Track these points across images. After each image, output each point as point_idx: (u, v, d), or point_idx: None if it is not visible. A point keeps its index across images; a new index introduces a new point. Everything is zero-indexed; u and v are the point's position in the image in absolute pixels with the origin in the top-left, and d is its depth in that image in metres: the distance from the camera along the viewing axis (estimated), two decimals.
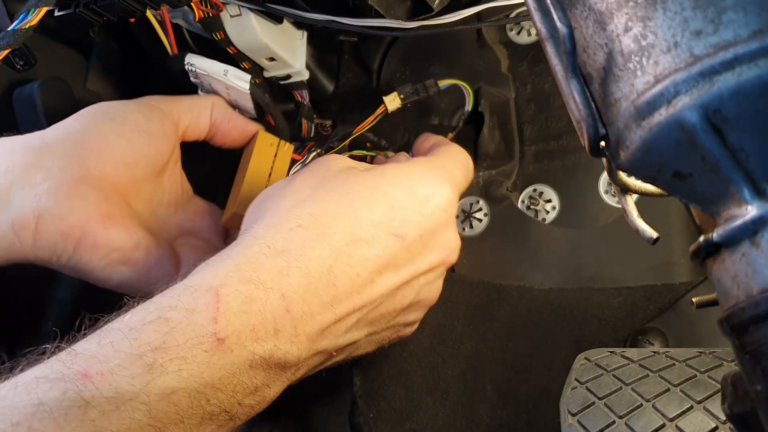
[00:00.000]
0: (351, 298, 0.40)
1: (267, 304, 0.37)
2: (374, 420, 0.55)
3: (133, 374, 0.32)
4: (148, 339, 0.33)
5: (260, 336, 0.36)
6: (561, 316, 0.54)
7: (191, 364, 0.33)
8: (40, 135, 0.48)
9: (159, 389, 0.32)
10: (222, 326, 0.35)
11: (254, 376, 0.36)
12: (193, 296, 0.36)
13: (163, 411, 0.32)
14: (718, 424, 0.33)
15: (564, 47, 0.26)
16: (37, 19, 0.44)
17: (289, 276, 0.38)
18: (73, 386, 0.31)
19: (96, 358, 0.32)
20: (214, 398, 0.34)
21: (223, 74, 0.55)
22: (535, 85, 0.60)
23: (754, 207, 0.24)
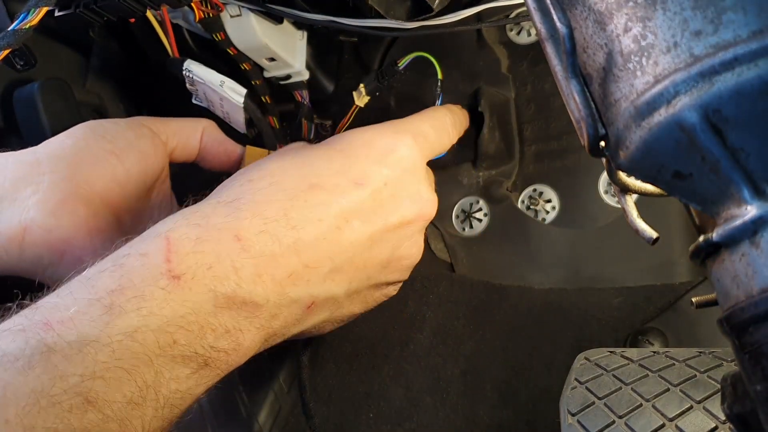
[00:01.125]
0: (317, 243, 0.40)
1: (220, 243, 0.37)
2: (374, 420, 0.55)
3: (93, 317, 0.32)
4: (104, 284, 0.34)
5: (218, 274, 0.36)
6: (561, 316, 0.54)
7: (150, 302, 0.34)
8: (32, 151, 0.48)
9: (120, 328, 0.32)
10: (175, 264, 0.35)
11: (221, 316, 0.36)
12: (144, 243, 0.36)
13: (127, 350, 0.32)
14: (717, 424, 0.33)
15: (564, 47, 0.26)
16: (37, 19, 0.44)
17: (240, 219, 0.38)
18: (35, 335, 0.31)
19: (56, 307, 0.33)
20: (182, 338, 0.34)
21: (219, 85, 0.55)
22: (535, 85, 0.60)
23: (753, 207, 0.24)
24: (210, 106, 0.60)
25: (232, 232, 0.37)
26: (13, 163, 0.47)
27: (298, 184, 0.40)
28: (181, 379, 0.35)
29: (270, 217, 0.39)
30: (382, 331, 0.58)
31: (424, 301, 0.58)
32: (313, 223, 0.40)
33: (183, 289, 0.35)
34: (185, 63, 0.55)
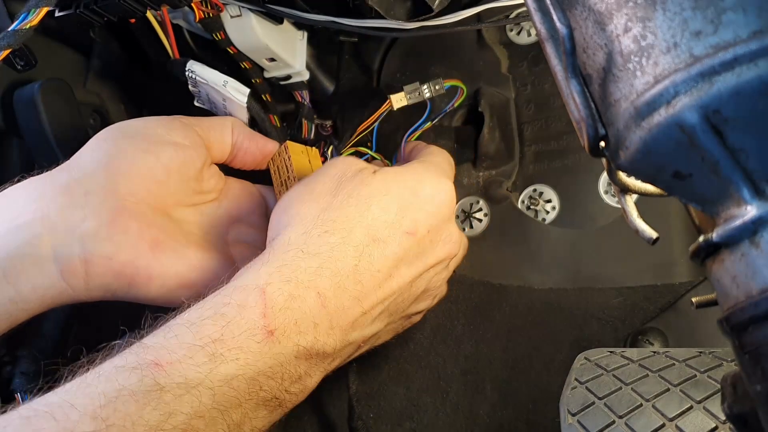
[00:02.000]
0: (375, 292, 0.44)
1: (306, 300, 0.41)
2: (374, 420, 0.55)
3: (198, 363, 0.36)
4: (207, 332, 0.37)
5: (302, 329, 0.40)
6: (561, 316, 0.54)
7: (247, 354, 0.38)
8: (66, 170, 0.48)
9: (221, 376, 0.36)
10: (270, 320, 0.39)
11: (299, 365, 0.40)
12: (242, 294, 0.40)
13: (225, 395, 0.36)
14: (717, 424, 0.33)
15: (564, 48, 0.26)
16: (37, 20, 0.44)
17: (322, 276, 0.42)
18: (149, 373, 0.35)
19: (165, 349, 0.36)
20: (266, 385, 0.38)
21: (223, 85, 0.55)
22: (535, 85, 0.60)
23: (753, 207, 0.24)
24: (212, 108, 0.60)
25: (315, 289, 0.41)
26: (51, 188, 0.46)
27: (363, 240, 0.44)
28: (260, 418, 0.39)
29: (343, 273, 0.43)
30: None
31: None
32: (373, 275, 0.44)
33: (274, 343, 0.39)
34: (188, 64, 0.55)
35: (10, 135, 0.63)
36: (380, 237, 0.45)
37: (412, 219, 0.46)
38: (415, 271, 0.47)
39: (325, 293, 0.42)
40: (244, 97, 0.56)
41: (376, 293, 0.44)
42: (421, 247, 0.47)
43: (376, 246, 0.44)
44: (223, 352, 0.37)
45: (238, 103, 0.56)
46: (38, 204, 0.45)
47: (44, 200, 0.46)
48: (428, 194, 0.48)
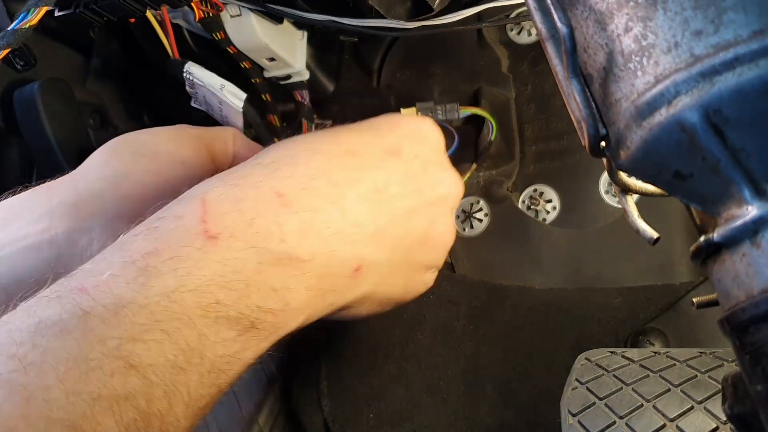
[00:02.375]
0: (359, 203, 0.39)
1: (260, 200, 0.36)
2: (374, 420, 0.55)
3: (128, 280, 0.31)
4: (138, 247, 0.33)
5: (260, 230, 0.35)
6: (561, 317, 0.54)
7: (186, 263, 0.33)
8: (73, 186, 0.46)
9: (156, 289, 0.31)
10: (211, 224, 0.34)
11: (266, 273, 0.35)
12: (179, 205, 0.36)
13: (165, 311, 0.31)
14: (718, 425, 0.33)
15: (564, 47, 0.26)
16: (36, 19, 0.44)
17: (280, 177, 0.37)
18: (70, 300, 0.30)
19: (90, 273, 0.32)
20: (225, 298, 0.33)
21: (219, 88, 0.55)
22: (535, 85, 0.60)
23: (754, 207, 0.24)
24: (209, 110, 0.59)
25: (272, 189, 0.37)
26: (58, 206, 0.44)
27: (333, 149, 0.40)
28: (227, 342, 0.34)
29: (310, 175, 0.38)
30: (382, 331, 0.58)
31: (424, 302, 0.58)
32: (353, 183, 0.39)
33: (221, 248, 0.34)
34: (186, 65, 0.55)
35: (9, 135, 0.63)
36: (354, 150, 0.41)
37: (392, 142, 0.42)
38: (407, 197, 0.42)
39: (286, 192, 0.37)
40: (241, 102, 0.56)
41: (361, 204, 0.39)
42: (410, 172, 0.42)
43: (351, 157, 0.40)
44: (156, 265, 0.32)
45: (235, 108, 0.56)
46: (45, 224, 0.44)
47: (52, 220, 0.44)
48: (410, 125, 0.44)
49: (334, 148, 0.40)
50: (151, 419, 0.30)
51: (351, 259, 0.40)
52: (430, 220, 0.45)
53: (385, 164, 0.42)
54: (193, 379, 0.32)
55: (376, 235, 0.41)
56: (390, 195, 0.41)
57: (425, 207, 0.44)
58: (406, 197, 0.42)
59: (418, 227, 0.44)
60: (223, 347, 0.33)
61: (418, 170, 0.43)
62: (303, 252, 0.36)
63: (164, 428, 0.31)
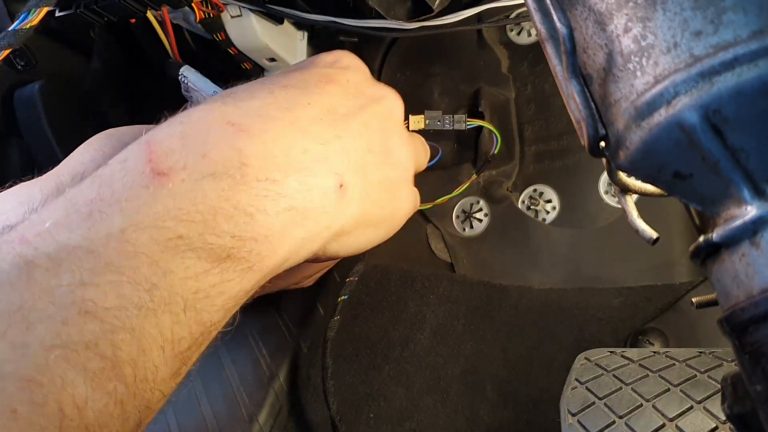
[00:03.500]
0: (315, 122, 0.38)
1: (211, 130, 0.34)
2: (374, 420, 0.55)
3: (71, 227, 0.30)
4: (81, 196, 0.31)
5: (217, 158, 0.33)
6: (561, 317, 0.54)
7: (134, 203, 0.31)
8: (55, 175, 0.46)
9: (103, 232, 0.29)
10: (158, 163, 0.32)
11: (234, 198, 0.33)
12: (124, 152, 0.34)
13: (116, 252, 0.29)
14: (718, 424, 0.33)
15: (564, 48, 0.26)
16: (37, 19, 0.44)
17: (227, 111, 0.35)
18: (11, 251, 0.29)
19: (32, 223, 0.30)
20: (186, 231, 0.31)
21: (212, 95, 0.55)
22: (535, 85, 0.60)
23: (753, 207, 0.24)
24: None
25: (223, 120, 0.35)
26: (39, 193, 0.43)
27: (271, 87, 0.39)
28: (200, 275, 0.31)
29: (257, 105, 0.37)
30: (382, 331, 0.58)
31: (424, 301, 0.58)
32: (304, 107, 0.38)
33: (173, 182, 0.32)
34: (182, 69, 0.56)
35: (9, 135, 0.63)
36: (291, 84, 0.40)
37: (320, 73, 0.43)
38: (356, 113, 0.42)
39: (238, 121, 0.35)
40: None
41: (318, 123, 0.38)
42: (349, 92, 0.43)
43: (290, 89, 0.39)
44: (101, 208, 0.30)
45: None
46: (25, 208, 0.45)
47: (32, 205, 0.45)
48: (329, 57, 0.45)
49: (271, 86, 0.39)
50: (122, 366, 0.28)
51: (329, 175, 0.38)
52: (384, 132, 0.44)
53: (324, 90, 0.41)
54: (165, 319, 0.30)
55: (345, 151, 0.40)
56: (341, 114, 0.41)
57: (375, 120, 0.43)
58: (355, 114, 0.42)
59: (375, 140, 0.43)
60: (196, 282, 0.31)
61: (356, 91, 0.44)
62: (271, 173, 0.34)
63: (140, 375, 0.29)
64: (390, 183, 0.46)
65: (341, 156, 0.40)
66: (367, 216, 0.43)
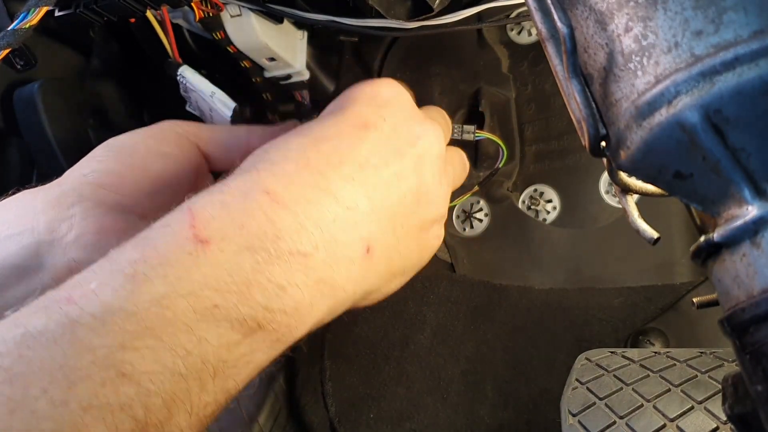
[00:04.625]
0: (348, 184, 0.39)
1: (248, 201, 0.35)
2: (375, 420, 0.55)
3: (115, 288, 0.31)
4: (125, 257, 0.32)
5: (253, 230, 0.34)
6: (561, 317, 0.54)
7: (176, 269, 0.32)
8: (57, 184, 0.47)
9: (146, 296, 0.31)
10: (200, 229, 0.33)
11: (268, 271, 0.34)
12: (167, 217, 0.35)
13: (157, 317, 0.30)
14: (718, 425, 0.33)
15: (564, 47, 0.26)
16: (37, 19, 0.44)
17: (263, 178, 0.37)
18: (57, 310, 0.30)
19: (77, 283, 0.32)
20: (222, 301, 0.32)
21: (210, 95, 0.55)
22: (535, 85, 0.60)
23: (754, 207, 0.24)
24: (201, 115, 0.60)
25: (259, 189, 0.36)
26: (42, 202, 0.45)
27: (304, 143, 0.39)
28: (231, 345, 0.33)
29: (292, 170, 0.37)
30: (382, 331, 0.58)
31: (424, 301, 0.58)
32: (336, 167, 0.39)
33: (213, 251, 0.33)
34: (180, 69, 0.55)
35: (9, 135, 0.63)
36: (324, 136, 0.40)
37: (356, 115, 0.42)
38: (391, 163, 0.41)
39: (274, 189, 0.36)
40: (229, 111, 0.56)
41: (351, 185, 0.39)
42: (383, 137, 0.42)
43: (323, 143, 0.39)
44: (145, 271, 0.31)
45: (223, 116, 0.56)
46: (28, 217, 0.45)
47: (34, 213, 0.45)
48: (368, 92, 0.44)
49: (304, 142, 0.40)
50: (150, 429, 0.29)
51: (357, 242, 0.39)
52: (419, 176, 0.44)
53: (358, 138, 0.41)
54: (195, 385, 0.31)
55: (374, 211, 0.40)
56: (374, 166, 0.41)
57: (410, 166, 0.43)
58: (389, 164, 0.42)
59: (409, 188, 0.43)
60: (227, 351, 0.32)
61: (391, 134, 0.43)
62: (303, 245, 0.35)
63: None
64: (419, 229, 0.45)
65: (370, 218, 0.40)
66: (394, 270, 0.44)
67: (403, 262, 0.44)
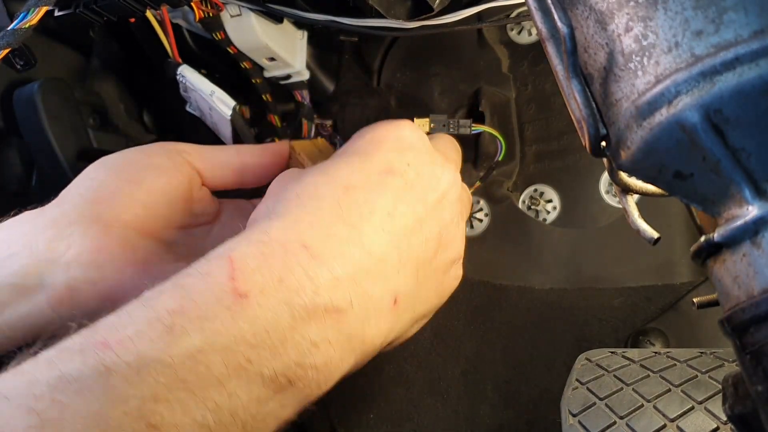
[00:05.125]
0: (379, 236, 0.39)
1: (288, 254, 0.35)
2: (374, 421, 0.55)
3: (152, 338, 0.31)
4: (164, 305, 0.32)
5: (292, 285, 0.34)
6: (562, 317, 0.54)
7: (213, 323, 0.32)
8: (56, 204, 0.47)
9: (182, 349, 0.31)
10: (240, 282, 0.33)
11: (303, 329, 0.34)
12: (206, 263, 0.35)
13: (191, 372, 0.30)
14: (719, 425, 0.33)
15: (565, 47, 0.26)
16: (36, 19, 0.44)
17: (302, 230, 0.37)
18: (93, 355, 0.30)
19: (114, 328, 0.31)
20: (256, 357, 0.32)
21: (209, 94, 0.55)
22: (535, 85, 0.60)
23: (754, 207, 0.24)
24: (201, 115, 0.60)
25: (298, 242, 0.36)
26: (41, 221, 0.46)
27: (333, 191, 0.40)
28: (261, 401, 0.33)
29: (328, 222, 0.38)
30: None
31: None
32: (367, 218, 0.39)
33: (251, 306, 0.33)
34: (180, 69, 0.55)
35: (9, 135, 0.63)
36: (353, 184, 0.40)
37: (382, 161, 0.42)
38: (415, 209, 0.42)
39: (311, 244, 0.36)
40: (229, 110, 0.56)
41: (381, 237, 0.39)
42: (408, 183, 0.42)
43: (353, 192, 0.40)
44: (183, 324, 0.31)
45: (223, 115, 0.56)
46: (27, 237, 0.45)
47: (33, 233, 0.45)
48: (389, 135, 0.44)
49: (334, 190, 0.40)
50: None
51: (386, 294, 0.39)
52: (440, 220, 0.44)
53: (384, 186, 0.41)
54: None
55: (401, 262, 0.41)
56: (401, 215, 0.41)
57: (432, 209, 0.44)
58: (414, 210, 0.42)
59: (432, 232, 0.44)
60: (257, 406, 0.33)
61: (415, 179, 0.43)
62: (339, 301, 0.36)
63: None
64: (441, 271, 0.46)
65: (397, 269, 0.40)
66: (417, 317, 0.44)
67: (425, 307, 0.45)
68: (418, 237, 0.42)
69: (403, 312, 0.42)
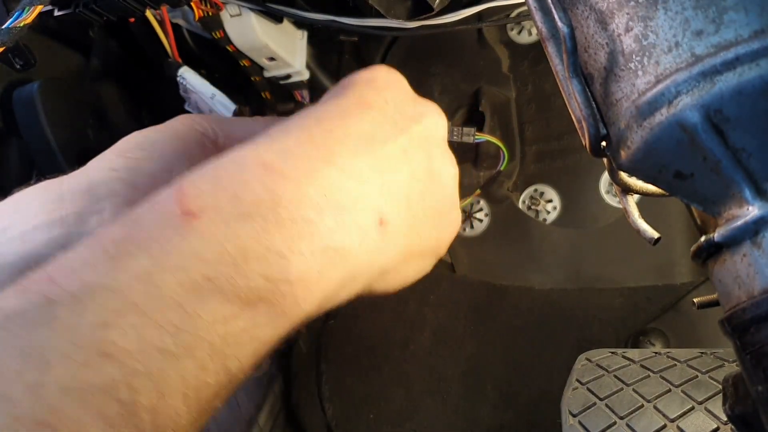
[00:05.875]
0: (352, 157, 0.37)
1: (244, 172, 0.33)
2: (374, 421, 0.55)
3: (98, 266, 0.29)
4: (110, 235, 0.31)
5: (248, 198, 0.32)
6: (562, 317, 0.54)
7: (162, 243, 0.30)
8: (85, 175, 0.44)
9: (129, 272, 0.29)
10: (190, 203, 0.31)
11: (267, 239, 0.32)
12: (156, 194, 0.33)
13: (142, 294, 0.29)
14: (719, 425, 0.33)
15: (565, 47, 0.26)
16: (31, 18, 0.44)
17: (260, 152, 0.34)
18: (36, 290, 0.28)
19: (58, 263, 0.30)
20: (215, 273, 0.30)
21: (210, 97, 0.55)
22: (535, 85, 0.60)
23: (755, 207, 0.24)
24: None
25: (255, 161, 0.33)
26: (69, 192, 0.43)
27: (306, 121, 0.37)
28: (228, 320, 0.30)
29: (291, 144, 0.35)
30: (382, 331, 0.58)
31: (424, 302, 0.58)
32: (340, 141, 0.36)
33: (202, 222, 0.31)
34: (180, 70, 0.55)
35: (9, 135, 0.63)
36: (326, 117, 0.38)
37: (357, 96, 0.40)
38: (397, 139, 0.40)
39: (270, 161, 0.34)
40: (229, 113, 0.56)
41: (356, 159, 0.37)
42: (388, 116, 0.40)
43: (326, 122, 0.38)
44: (129, 250, 0.30)
45: None
46: (56, 205, 0.42)
47: (62, 203, 0.43)
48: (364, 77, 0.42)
49: (307, 121, 0.38)
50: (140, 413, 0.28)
51: (367, 210, 0.37)
52: (427, 155, 0.42)
53: (361, 116, 0.39)
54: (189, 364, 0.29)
55: (384, 184, 0.38)
56: (380, 141, 0.39)
57: (417, 143, 0.42)
58: (395, 139, 0.40)
59: (419, 165, 0.41)
60: (224, 326, 0.30)
61: (395, 112, 0.41)
62: (305, 212, 0.33)
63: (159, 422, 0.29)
64: (435, 210, 0.44)
65: (381, 190, 0.38)
66: (413, 249, 0.42)
67: (421, 242, 0.43)
68: (403, 166, 0.40)
69: (395, 235, 0.39)
